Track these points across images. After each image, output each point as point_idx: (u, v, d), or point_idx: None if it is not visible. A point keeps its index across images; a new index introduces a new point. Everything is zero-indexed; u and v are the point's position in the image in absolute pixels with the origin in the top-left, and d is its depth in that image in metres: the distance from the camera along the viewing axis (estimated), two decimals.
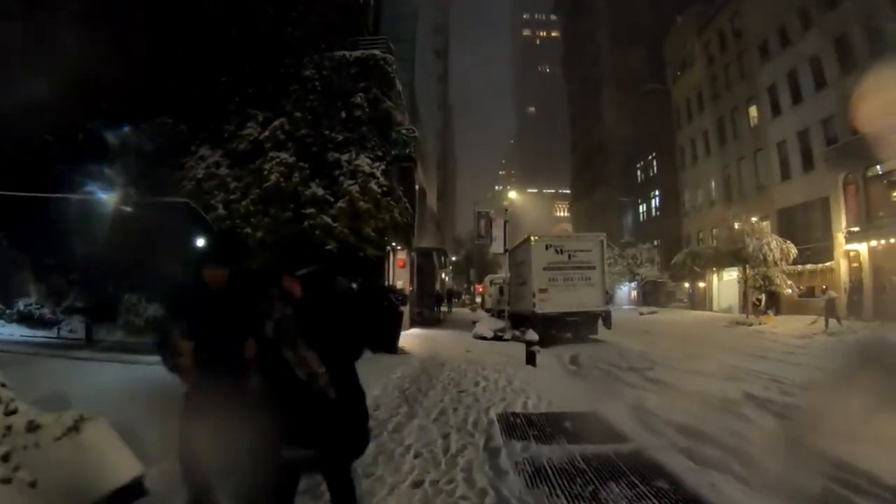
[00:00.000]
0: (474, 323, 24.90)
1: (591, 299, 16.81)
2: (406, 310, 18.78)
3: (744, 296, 33.23)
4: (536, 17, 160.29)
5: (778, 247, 25.60)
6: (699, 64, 41.85)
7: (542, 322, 15.98)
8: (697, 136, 42.14)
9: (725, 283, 35.42)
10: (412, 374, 9.38)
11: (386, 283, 13.51)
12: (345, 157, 12.64)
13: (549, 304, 16.34)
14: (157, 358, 3.41)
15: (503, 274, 52.34)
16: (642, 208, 50.11)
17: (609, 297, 17.68)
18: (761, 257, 25.10)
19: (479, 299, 48.06)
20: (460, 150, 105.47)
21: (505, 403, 6.99)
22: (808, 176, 29.70)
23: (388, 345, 11.69)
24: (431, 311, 26.44)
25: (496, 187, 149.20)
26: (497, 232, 17.78)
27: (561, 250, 16.81)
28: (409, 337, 16.33)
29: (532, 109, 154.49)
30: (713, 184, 40.10)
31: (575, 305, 16.53)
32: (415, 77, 21.47)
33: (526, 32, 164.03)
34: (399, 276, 19.06)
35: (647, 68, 51.15)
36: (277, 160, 12.66)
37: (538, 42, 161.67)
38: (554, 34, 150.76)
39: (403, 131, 13.29)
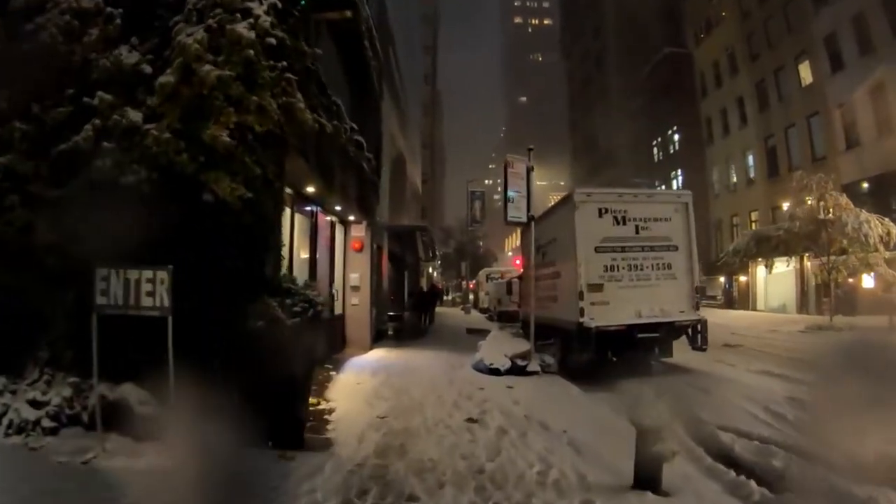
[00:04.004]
0: (471, 333, 17.98)
1: (674, 301, 9.91)
2: (366, 320, 11.78)
3: (802, 292, 27.45)
4: (528, 3, 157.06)
5: (877, 226, 18.82)
6: (730, 20, 35.59)
7: (597, 341, 9.10)
8: (730, 103, 35.70)
9: (775, 277, 28.74)
10: None
11: (283, 274, 5.92)
12: None
13: (606, 310, 9.39)
14: None
15: (500, 267, 45.80)
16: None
17: (700, 297, 10.64)
18: (862, 238, 18.29)
19: (473, 297, 40.72)
20: (448, 141, 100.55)
21: None
22: (887, 140, 23.15)
23: (286, 428, 4.66)
24: (419, 316, 19.25)
25: (486, 181, 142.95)
26: (517, 184, 10.16)
27: (623, 218, 9.84)
28: (362, 373, 9.26)
29: (523, 99, 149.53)
30: (751, 158, 33.82)
31: (648, 312, 9.62)
32: None
33: (517, 20, 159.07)
34: (354, 265, 11.98)
35: (661, 33, 45.24)
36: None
37: (530, 30, 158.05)
38: (546, 21, 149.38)
39: None
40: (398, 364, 10.24)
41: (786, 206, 28.32)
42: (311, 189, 7.61)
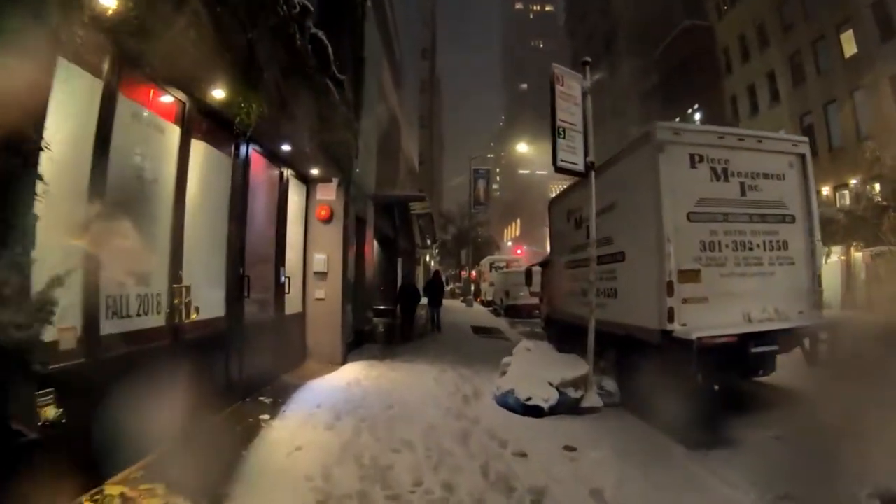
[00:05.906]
0: (478, 333, 14.63)
1: (791, 297, 6.59)
2: (336, 321, 8.39)
3: (848, 287, 24.19)
4: None
5: None
6: None
7: (698, 357, 5.64)
8: (758, 79, 32.47)
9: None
10: None
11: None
12: None
13: (705, 311, 6.02)
14: None
15: (506, 255, 42.34)
16: None
17: (820, 290, 7.21)
18: None
19: (474, 288, 37.23)
20: (446, 132, 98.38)
21: None
22: None
23: None
24: (408, 318, 13.75)
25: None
26: (570, 109, 6.66)
27: (725, 171, 6.46)
28: (315, 419, 5.55)
29: (524, 86, 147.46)
30: None
31: (760, 314, 6.29)
32: None
33: (518, 6, 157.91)
34: (320, 241, 8.50)
35: (676, 6, 42.15)
36: None
37: (531, 16, 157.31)
38: (548, 8, 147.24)
39: None
40: (380, 394, 6.58)
41: (826, 190, 25.42)
42: (219, 93, 4.19)
